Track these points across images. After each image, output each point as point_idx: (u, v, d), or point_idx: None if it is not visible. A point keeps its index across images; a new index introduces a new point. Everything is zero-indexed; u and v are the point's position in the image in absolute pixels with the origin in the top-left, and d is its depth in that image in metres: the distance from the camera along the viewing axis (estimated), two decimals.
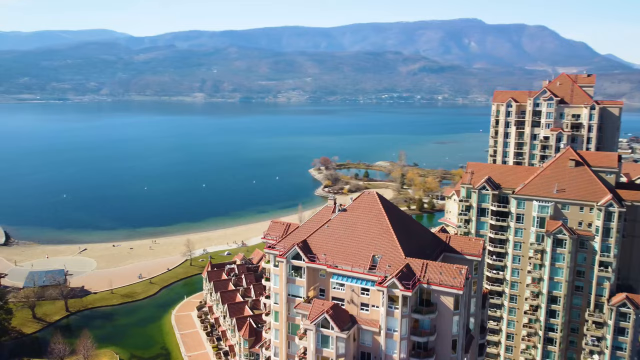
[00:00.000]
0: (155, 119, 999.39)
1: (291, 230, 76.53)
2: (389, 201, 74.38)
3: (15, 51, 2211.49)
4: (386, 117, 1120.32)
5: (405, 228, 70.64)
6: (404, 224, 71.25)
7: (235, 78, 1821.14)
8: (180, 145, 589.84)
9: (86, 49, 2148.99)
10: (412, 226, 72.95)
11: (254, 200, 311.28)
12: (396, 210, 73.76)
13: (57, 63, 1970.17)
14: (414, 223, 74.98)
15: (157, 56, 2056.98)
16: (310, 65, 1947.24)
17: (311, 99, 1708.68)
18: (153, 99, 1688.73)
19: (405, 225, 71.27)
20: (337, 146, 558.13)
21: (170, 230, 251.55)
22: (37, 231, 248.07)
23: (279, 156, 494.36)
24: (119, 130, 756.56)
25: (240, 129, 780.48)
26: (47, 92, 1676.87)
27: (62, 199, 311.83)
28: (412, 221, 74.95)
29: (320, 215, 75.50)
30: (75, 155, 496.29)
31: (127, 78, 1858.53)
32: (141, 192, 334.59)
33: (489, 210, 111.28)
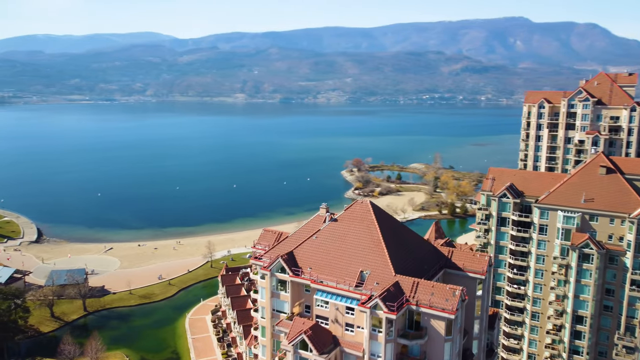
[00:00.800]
0: (196, 119, 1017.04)
1: (282, 240, 71.87)
2: (384, 211, 68.47)
3: (68, 54, 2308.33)
4: (426, 117, 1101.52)
5: (400, 241, 64.60)
6: (399, 237, 65.20)
7: (275, 79, 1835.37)
8: (217, 145, 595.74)
9: (133, 51, 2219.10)
10: (409, 239, 66.74)
11: (283, 202, 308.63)
12: (391, 221, 67.73)
13: (106, 65, 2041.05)
14: (412, 236, 68.69)
15: (200, 57, 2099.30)
16: (351, 65, 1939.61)
17: (351, 100, 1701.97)
18: (195, 100, 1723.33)
19: (401, 238, 65.20)
20: (372, 147, 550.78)
21: (197, 230, 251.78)
22: (68, 229, 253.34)
23: (313, 157, 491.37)
24: (161, 130, 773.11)
25: (277, 130, 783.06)
26: (96, 92, 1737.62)
27: (96, 198, 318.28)
28: (409, 234, 68.68)
29: (311, 225, 70.45)
30: (115, 155, 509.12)
31: (171, 79, 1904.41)
32: (173, 192, 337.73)
33: (509, 220, 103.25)
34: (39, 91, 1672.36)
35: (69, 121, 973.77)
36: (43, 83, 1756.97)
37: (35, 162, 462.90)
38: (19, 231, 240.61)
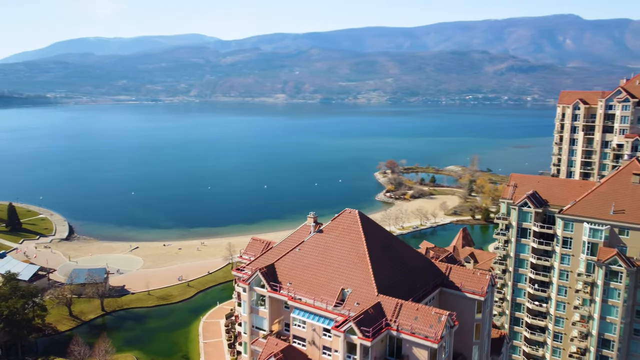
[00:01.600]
0: (237, 119, 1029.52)
1: (267, 250, 67.32)
2: (374, 222, 62.79)
3: (117, 56, 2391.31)
4: (468, 118, 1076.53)
5: (390, 256, 58.78)
6: (390, 252, 59.38)
7: (316, 79, 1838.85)
8: (254, 145, 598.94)
9: (178, 52, 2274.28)
10: (402, 254, 60.73)
11: (311, 204, 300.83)
12: (382, 233, 61.90)
13: (152, 66, 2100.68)
14: (406, 250, 62.59)
15: (243, 58, 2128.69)
16: (392, 65, 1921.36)
17: (391, 100, 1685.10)
18: (237, 100, 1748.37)
19: (391, 253, 59.36)
20: (409, 148, 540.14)
21: (222, 231, 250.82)
22: (99, 227, 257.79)
23: (347, 158, 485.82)
24: (201, 130, 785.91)
25: (315, 130, 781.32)
26: (142, 93, 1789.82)
27: (130, 197, 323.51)
28: (403, 248, 62.62)
29: (297, 235, 65.73)
30: (154, 154, 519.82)
31: (214, 80, 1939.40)
32: (204, 192, 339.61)
33: (530, 231, 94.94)
34: (89, 92, 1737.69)
35: (114, 121, 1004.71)
36: (93, 84, 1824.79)
37: (78, 160, 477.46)
38: (52, 228, 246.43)
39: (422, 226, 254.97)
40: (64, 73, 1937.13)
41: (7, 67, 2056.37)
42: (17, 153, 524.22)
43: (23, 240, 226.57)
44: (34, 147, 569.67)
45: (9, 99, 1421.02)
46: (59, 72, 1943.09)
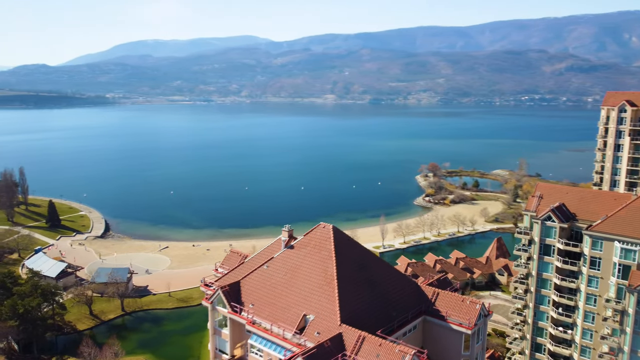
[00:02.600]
0: (284, 120, 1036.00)
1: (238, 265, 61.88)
2: (351, 239, 55.95)
3: (172, 57, 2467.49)
4: (522, 120, 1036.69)
5: (364, 279, 51.92)
6: (365, 274, 52.48)
7: (365, 80, 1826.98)
8: (297, 145, 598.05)
9: (231, 54, 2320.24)
10: (379, 277, 53.60)
11: (346, 207, 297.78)
12: (358, 252, 54.92)
13: (206, 67, 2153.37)
14: (386, 272, 55.32)
15: (293, 59, 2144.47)
16: (444, 65, 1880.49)
17: (442, 101, 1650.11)
18: (287, 101, 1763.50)
19: (366, 275, 52.44)
20: (455, 151, 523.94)
21: (253, 233, 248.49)
22: (134, 226, 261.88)
23: (390, 160, 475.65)
24: (248, 130, 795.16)
25: (362, 131, 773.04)
26: (195, 94, 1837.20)
27: (169, 196, 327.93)
28: (382, 269, 55.38)
29: (270, 250, 59.79)
30: (199, 153, 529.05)
31: (264, 81, 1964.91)
32: (241, 192, 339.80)
33: (554, 249, 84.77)
34: (145, 92, 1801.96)
35: (166, 121, 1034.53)
36: (149, 85, 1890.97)
37: (126, 159, 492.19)
38: (89, 226, 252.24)
39: (459, 233, 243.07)
40: (123, 74, 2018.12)
41: (72, 69, 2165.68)
42: (69, 151, 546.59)
43: (60, 236, 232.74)
44: (86, 146, 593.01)
45: (71, 99, 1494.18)
46: (119, 74, 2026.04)
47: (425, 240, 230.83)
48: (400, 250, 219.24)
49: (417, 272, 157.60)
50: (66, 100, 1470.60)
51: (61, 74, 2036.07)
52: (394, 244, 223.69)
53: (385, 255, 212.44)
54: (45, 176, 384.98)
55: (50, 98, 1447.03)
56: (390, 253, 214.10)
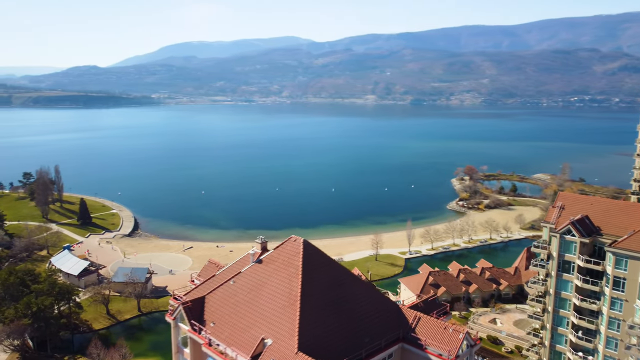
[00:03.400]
0: (323, 120, 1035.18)
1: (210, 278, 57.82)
2: (324, 255, 50.66)
3: (216, 58, 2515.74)
4: (571, 122, 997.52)
5: (334, 300, 46.70)
6: (335, 294, 47.24)
7: (407, 80, 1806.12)
8: (334, 146, 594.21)
9: (273, 54, 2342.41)
10: (353, 298, 48.23)
11: (376, 210, 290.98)
12: (330, 270, 49.58)
13: (248, 68, 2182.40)
14: (362, 292, 49.80)
15: (334, 60, 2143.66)
16: (488, 65, 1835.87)
17: (486, 102, 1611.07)
18: (327, 101, 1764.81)
19: (336, 296, 47.19)
20: (495, 153, 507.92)
21: (279, 235, 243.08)
22: (162, 225, 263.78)
23: (426, 162, 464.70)
24: (286, 130, 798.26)
25: (400, 132, 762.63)
26: (237, 94, 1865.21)
27: (200, 196, 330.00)
28: (358, 289, 49.85)
29: (242, 262, 55.46)
30: (235, 152, 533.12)
31: (305, 81, 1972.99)
32: (271, 193, 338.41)
33: (574, 266, 76.72)
34: (189, 93, 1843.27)
35: (207, 121, 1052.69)
36: (193, 85, 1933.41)
37: (163, 158, 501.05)
38: (118, 224, 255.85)
39: (491, 240, 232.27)
40: (169, 75, 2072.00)
41: (120, 70, 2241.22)
42: (110, 150, 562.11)
43: (89, 234, 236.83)
44: (128, 145, 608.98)
45: (119, 99, 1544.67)
46: (164, 74, 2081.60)
47: (454, 247, 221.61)
48: (427, 256, 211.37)
49: (439, 281, 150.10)
50: (114, 100, 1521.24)
51: (110, 74, 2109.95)
52: (421, 250, 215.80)
53: (411, 261, 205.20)
54: (84, 174, 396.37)
55: (98, 98, 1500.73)
56: (417, 259, 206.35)
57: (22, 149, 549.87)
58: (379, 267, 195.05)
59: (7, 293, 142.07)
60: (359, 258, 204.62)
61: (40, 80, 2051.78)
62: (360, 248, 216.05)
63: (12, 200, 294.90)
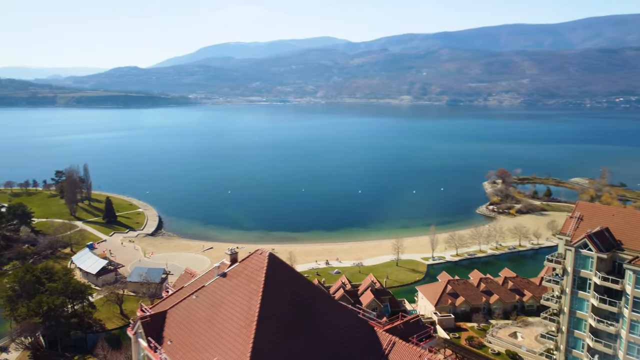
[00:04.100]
0: (357, 120, 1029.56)
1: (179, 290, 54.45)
2: (292, 270, 46.40)
3: (252, 59, 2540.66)
4: (615, 123, 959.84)
5: (298, 321, 42.34)
6: (300, 314, 42.87)
7: (443, 80, 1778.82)
8: (364, 147, 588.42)
9: (308, 55, 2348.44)
10: (321, 319, 43.65)
11: (402, 214, 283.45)
12: (297, 288, 45.09)
13: (283, 69, 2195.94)
14: (332, 313, 45.15)
15: (370, 60, 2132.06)
16: (529, 65, 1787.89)
17: (526, 103, 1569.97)
18: (362, 101, 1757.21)
19: (301, 317, 42.81)
20: (532, 156, 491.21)
21: (300, 237, 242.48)
22: (186, 224, 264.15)
23: (458, 164, 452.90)
24: (318, 130, 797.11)
25: (434, 133, 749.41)
26: (272, 94, 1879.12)
27: (226, 196, 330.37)
28: (327, 309, 45.21)
29: (211, 274, 51.81)
30: (265, 152, 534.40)
31: (340, 81, 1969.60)
32: (297, 194, 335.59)
33: (590, 283, 69.79)
34: (225, 93, 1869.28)
35: (241, 120, 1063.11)
36: (230, 86, 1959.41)
37: (195, 157, 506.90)
38: (142, 223, 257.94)
39: (521, 247, 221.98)
40: (206, 76, 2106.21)
41: (160, 71, 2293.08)
42: (143, 149, 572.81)
43: (113, 233, 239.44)
44: (161, 144, 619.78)
45: (157, 99, 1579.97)
46: (202, 75, 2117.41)
47: (480, 254, 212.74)
48: (451, 263, 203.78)
49: (458, 290, 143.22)
50: (152, 100, 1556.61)
51: (150, 75, 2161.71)
52: (445, 256, 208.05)
53: (434, 267, 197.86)
54: (116, 173, 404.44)
55: (137, 98, 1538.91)
56: (439, 265, 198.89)
57: (59, 147, 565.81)
58: (399, 273, 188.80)
59: (23, 290, 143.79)
60: (379, 263, 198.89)
61: (84, 80, 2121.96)
62: (382, 252, 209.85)
63: (44, 198, 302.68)
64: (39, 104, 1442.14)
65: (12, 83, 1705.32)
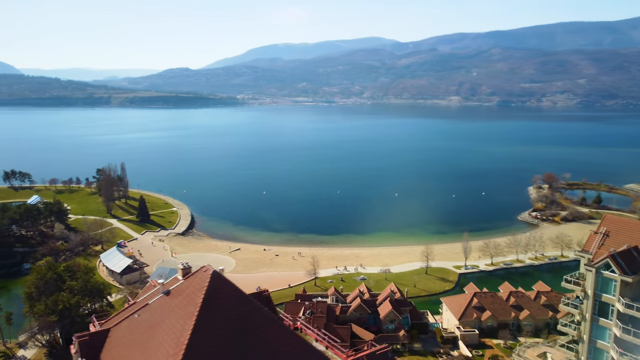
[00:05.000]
0: (402, 122, 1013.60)
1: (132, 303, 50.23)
2: (237, 291, 40.88)
3: (300, 60, 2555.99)
4: None
5: (235, 352, 37.07)
6: (239, 344, 37.53)
7: (494, 80, 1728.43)
8: (406, 149, 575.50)
9: (355, 55, 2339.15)
10: (266, 349, 38.15)
11: (438, 218, 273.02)
12: (240, 310, 39.75)
13: (330, 69, 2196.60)
14: (280, 342, 39.46)
15: (418, 60, 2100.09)
16: (586, 64, 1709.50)
17: (582, 104, 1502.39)
18: (408, 102, 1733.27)
19: (241, 346, 37.48)
20: (585, 160, 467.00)
21: (329, 241, 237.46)
22: (217, 224, 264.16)
23: (503, 168, 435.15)
24: (361, 132, 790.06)
25: (481, 135, 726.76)
26: (319, 95, 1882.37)
27: (261, 196, 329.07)
28: (274, 337, 39.60)
29: (166, 287, 47.24)
30: (304, 153, 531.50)
31: (387, 82, 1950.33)
32: (332, 196, 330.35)
33: (613, 309, 60.90)
34: (272, 94, 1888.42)
35: (285, 121, 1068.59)
36: (277, 86, 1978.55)
37: (235, 157, 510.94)
38: (174, 222, 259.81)
39: (563, 258, 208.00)
40: (254, 77, 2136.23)
41: (209, 72, 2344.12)
42: (187, 148, 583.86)
43: (145, 231, 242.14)
44: (204, 143, 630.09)
45: (206, 100, 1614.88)
46: (250, 76, 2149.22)
47: (518, 263, 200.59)
48: (485, 272, 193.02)
49: (485, 304, 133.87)
50: (201, 100, 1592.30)
51: (200, 76, 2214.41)
52: (479, 265, 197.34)
53: (466, 277, 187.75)
54: (156, 171, 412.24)
55: (187, 99, 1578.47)
56: (472, 275, 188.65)
57: (106, 146, 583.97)
58: (427, 282, 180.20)
59: (45, 287, 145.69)
60: (407, 270, 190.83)
61: (138, 82, 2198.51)
62: (412, 259, 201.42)
63: (85, 195, 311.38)
64: (94, 104, 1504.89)
65: (71, 84, 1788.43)
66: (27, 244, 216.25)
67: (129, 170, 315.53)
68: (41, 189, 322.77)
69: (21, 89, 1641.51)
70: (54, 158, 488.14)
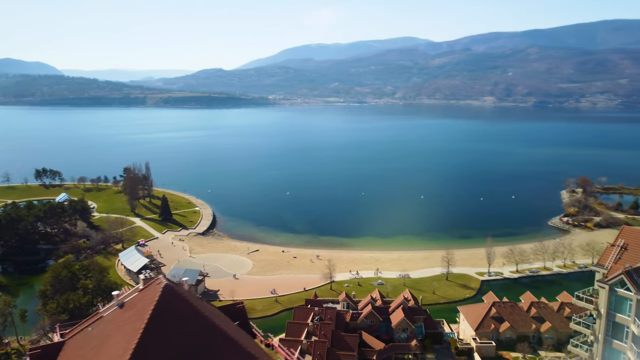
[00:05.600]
0: (434, 123, 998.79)
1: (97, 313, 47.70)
2: (190, 307, 37.65)
3: (332, 60, 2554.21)
4: None
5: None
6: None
7: (531, 81, 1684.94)
8: (436, 150, 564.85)
9: (388, 55, 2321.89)
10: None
11: (464, 223, 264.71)
12: (190, 328, 36.50)
13: (363, 70, 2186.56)
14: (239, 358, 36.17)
15: (451, 60, 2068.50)
16: (628, 64, 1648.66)
17: (624, 105, 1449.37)
18: (441, 103, 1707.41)
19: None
20: (623, 164, 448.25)
21: (350, 243, 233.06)
22: (238, 225, 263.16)
23: (536, 171, 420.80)
24: (391, 132, 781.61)
25: (515, 137, 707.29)
26: (350, 95, 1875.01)
27: (284, 197, 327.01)
28: (229, 356, 36.31)
29: (122, 299, 44.52)
30: (331, 154, 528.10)
31: (420, 82, 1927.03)
32: (356, 197, 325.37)
33: (628, 331, 55.09)
34: (303, 94, 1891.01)
35: (315, 121, 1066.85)
36: (308, 87, 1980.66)
37: (262, 157, 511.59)
38: (196, 222, 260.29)
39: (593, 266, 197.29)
40: (285, 77, 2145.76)
41: (242, 73, 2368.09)
42: (216, 148, 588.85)
43: (166, 230, 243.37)
44: (233, 143, 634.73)
45: (238, 100, 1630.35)
46: (281, 76, 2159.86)
47: (545, 271, 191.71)
48: (510, 280, 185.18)
49: (504, 314, 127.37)
50: (233, 101, 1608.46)
51: (233, 77, 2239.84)
52: (503, 272, 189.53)
53: (489, 284, 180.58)
54: (183, 170, 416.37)
55: (220, 99, 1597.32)
56: (495, 282, 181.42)
57: (136, 145, 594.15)
58: (447, 288, 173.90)
59: (60, 286, 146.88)
60: (427, 276, 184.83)
61: (172, 82, 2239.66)
62: (433, 264, 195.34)
63: (112, 194, 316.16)
64: (130, 104, 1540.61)
65: (109, 85, 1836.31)
66: (51, 242, 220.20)
67: (156, 170, 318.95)
68: (70, 187, 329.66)
69: (61, 89, 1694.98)
70: (86, 157, 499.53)
